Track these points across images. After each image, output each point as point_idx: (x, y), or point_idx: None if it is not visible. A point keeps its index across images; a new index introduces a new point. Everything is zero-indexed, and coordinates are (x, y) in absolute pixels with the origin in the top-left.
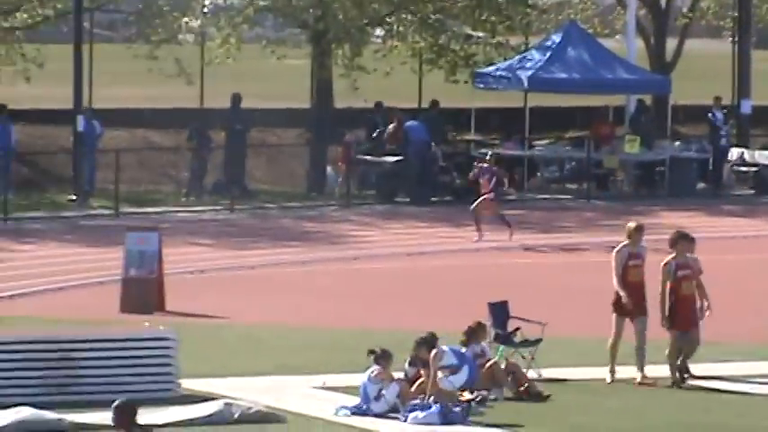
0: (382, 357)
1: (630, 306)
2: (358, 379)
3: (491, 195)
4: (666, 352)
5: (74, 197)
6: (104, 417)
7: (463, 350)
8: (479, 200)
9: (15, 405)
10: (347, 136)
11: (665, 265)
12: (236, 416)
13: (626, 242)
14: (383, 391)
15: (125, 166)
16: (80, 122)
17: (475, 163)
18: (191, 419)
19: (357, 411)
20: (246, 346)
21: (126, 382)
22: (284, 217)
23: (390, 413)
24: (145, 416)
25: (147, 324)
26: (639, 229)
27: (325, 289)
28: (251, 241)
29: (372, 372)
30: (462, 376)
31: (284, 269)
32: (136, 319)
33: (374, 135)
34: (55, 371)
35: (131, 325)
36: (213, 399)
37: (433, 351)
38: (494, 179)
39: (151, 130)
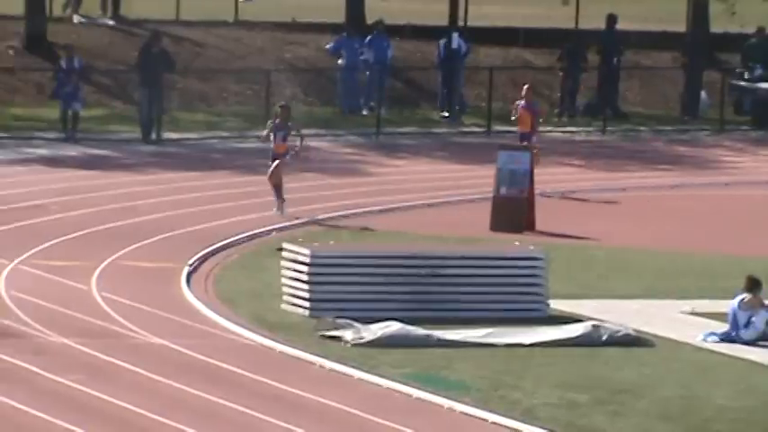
0: (754, 285)
1: None
2: (727, 306)
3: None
4: None
5: (446, 114)
6: (472, 335)
7: None
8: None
9: (384, 319)
10: None
11: None
12: (603, 338)
13: None
14: (753, 319)
15: (498, 85)
16: (454, 40)
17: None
18: (559, 340)
19: (725, 338)
20: (615, 268)
21: (494, 301)
22: (656, 140)
23: (760, 341)
24: (512, 335)
25: (516, 243)
26: None
27: (696, 214)
28: (622, 163)
29: (743, 299)
30: None
31: (655, 192)
32: (506, 237)
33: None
34: (424, 287)
35: (501, 243)
36: (581, 320)
37: None
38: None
39: (525, 48)
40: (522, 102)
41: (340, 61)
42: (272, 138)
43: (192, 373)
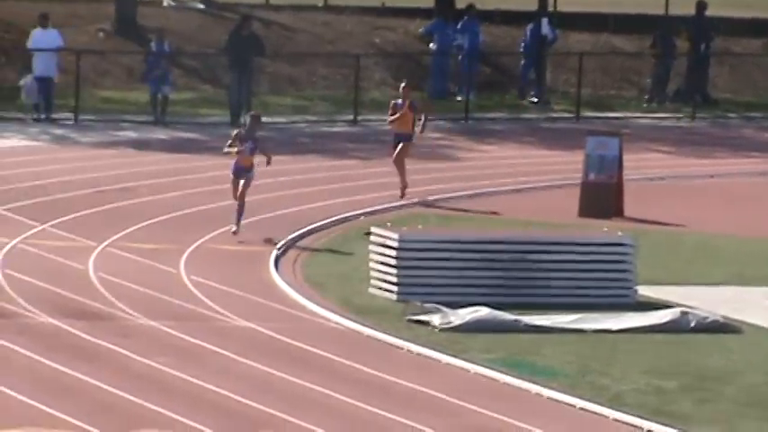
0: None
1: None
2: None
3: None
4: None
5: (535, 99)
6: (560, 320)
7: None
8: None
9: (472, 304)
10: None
11: None
12: (692, 324)
13: None
14: None
15: (587, 70)
16: (544, 25)
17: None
18: (646, 326)
19: None
20: (703, 254)
21: (582, 287)
22: (746, 127)
23: None
24: (601, 321)
25: (605, 229)
26: None
27: None
28: (711, 150)
29: None
30: None
31: (744, 179)
32: (594, 223)
33: None
34: (512, 272)
35: (589, 229)
36: (669, 307)
37: None
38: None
39: (615, 34)
40: (400, 101)
41: (432, 45)
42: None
43: (280, 356)
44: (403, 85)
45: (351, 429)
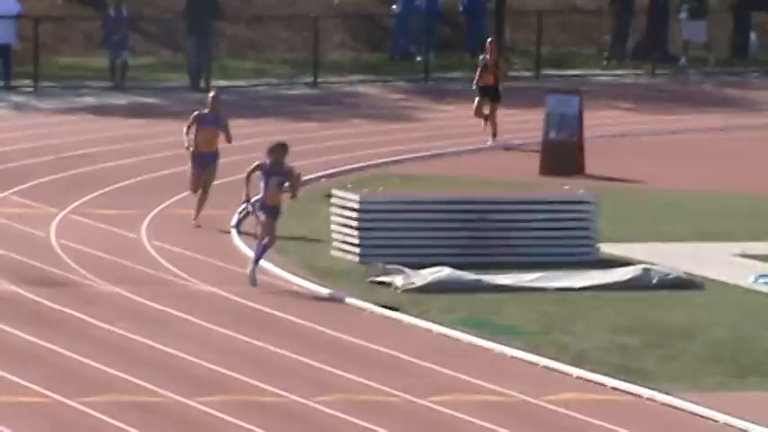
0: None
1: None
2: None
3: None
4: None
5: None
6: (523, 279)
7: None
8: None
9: (434, 265)
10: None
11: None
12: (654, 281)
13: None
14: None
15: (546, 28)
16: None
17: None
18: (609, 284)
19: None
20: (665, 211)
21: (544, 245)
22: (705, 82)
23: None
24: (563, 279)
25: (566, 187)
26: None
27: (747, 155)
28: (672, 106)
29: None
30: None
31: (705, 135)
32: (555, 181)
33: None
34: (474, 232)
35: (551, 188)
36: (631, 264)
37: None
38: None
39: None
40: (207, 110)
41: (394, 7)
42: (261, 185)
43: (243, 320)
44: (212, 94)
45: (316, 391)
